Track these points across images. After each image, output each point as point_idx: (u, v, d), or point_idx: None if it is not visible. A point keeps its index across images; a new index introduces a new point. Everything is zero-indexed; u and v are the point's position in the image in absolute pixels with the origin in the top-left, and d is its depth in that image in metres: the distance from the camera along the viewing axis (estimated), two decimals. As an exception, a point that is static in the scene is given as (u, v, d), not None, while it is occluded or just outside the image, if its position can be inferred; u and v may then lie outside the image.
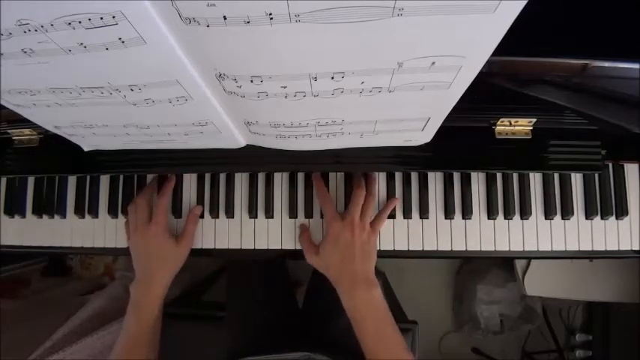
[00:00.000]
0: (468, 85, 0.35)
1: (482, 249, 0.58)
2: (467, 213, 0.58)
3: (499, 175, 0.58)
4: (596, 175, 0.58)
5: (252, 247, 0.60)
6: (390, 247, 0.58)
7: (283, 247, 0.59)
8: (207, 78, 0.35)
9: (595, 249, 0.57)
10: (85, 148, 0.55)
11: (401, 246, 0.58)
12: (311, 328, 0.71)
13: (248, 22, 0.27)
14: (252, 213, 0.60)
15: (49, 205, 0.64)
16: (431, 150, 0.53)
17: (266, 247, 0.60)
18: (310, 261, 0.56)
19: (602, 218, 0.57)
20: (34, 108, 0.41)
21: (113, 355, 0.55)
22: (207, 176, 0.61)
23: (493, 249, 0.58)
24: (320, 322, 0.69)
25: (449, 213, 0.58)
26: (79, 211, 0.63)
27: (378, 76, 0.34)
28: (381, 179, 0.59)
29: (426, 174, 0.59)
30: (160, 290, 0.56)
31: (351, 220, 0.53)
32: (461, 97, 0.38)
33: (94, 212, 0.63)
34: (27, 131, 0.59)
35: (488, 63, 0.32)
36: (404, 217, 0.58)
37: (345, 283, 0.53)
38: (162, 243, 0.56)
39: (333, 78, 0.34)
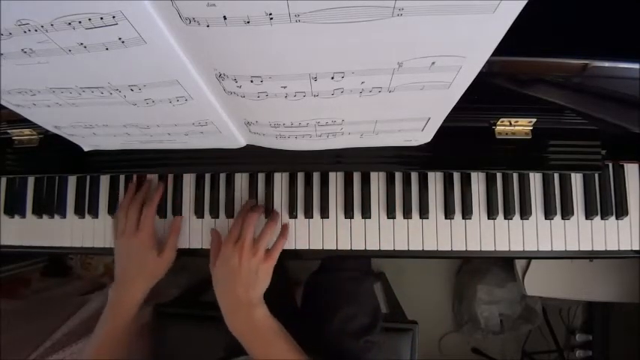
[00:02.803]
0: (468, 85, 0.35)
1: (482, 249, 0.58)
2: (467, 213, 0.58)
3: (499, 175, 0.58)
4: (596, 175, 0.57)
5: (252, 247, 0.60)
6: (390, 247, 0.58)
7: (283, 247, 0.59)
8: (207, 78, 0.35)
9: (595, 249, 0.57)
10: (85, 148, 0.55)
11: (401, 246, 0.58)
12: (309, 328, 0.71)
13: (248, 22, 0.27)
14: (252, 213, 0.60)
15: (49, 205, 0.64)
16: (431, 150, 0.53)
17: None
18: (210, 270, 0.56)
19: (602, 218, 0.57)
20: (34, 108, 0.41)
21: (84, 355, 0.55)
22: (207, 176, 0.61)
23: (493, 249, 0.58)
24: (316, 323, 0.69)
25: (449, 213, 0.58)
26: (79, 211, 0.63)
27: (378, 76, 0.34)
28: (381, 179, 0.59)
29: (426, 174, 0.59)
30: (137, 297, 0.57)
31: (242, 245, 0.52)
32: (461, 97, 0.38)
33: (94, 212, 0.63)
34: (27, 131, 0.59)
35: (488, 63, 0.32)
36: (404, 217, 0.58)
37: (226, 305, 0.53)
38: (146, 252, 0.57)
39: (333, 78, 0.34)
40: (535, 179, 0.58)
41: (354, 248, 0.58)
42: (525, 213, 0.57)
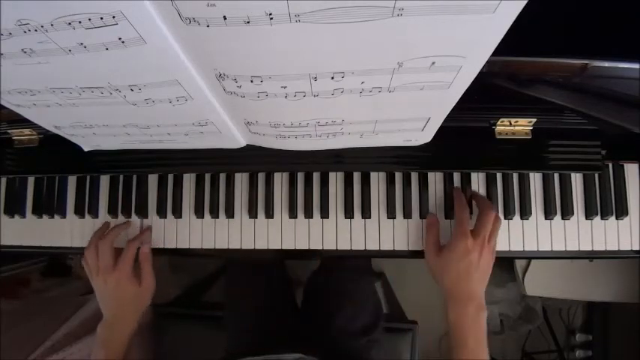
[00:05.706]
0: (468, 85, 0.35)
1: (482, 249, 0.58)
2: (467, 213, 0.57)
3: (499, 175, 0.58)
4: (596, 175, 0.57)
5: (252, 247, 0.60)
6: (390, 247, 0.58)
7: (283, 247, 0.59)
8: (207, 78, 0.35)
9: (595, 249, 0.57)
10: (85, 148, 0.55)
11: (401, 246, 0.58)
12: (309, 329, 0.71)
13: (248, 22, 0.27)
14: (252, 213, 0.60)
15: (49, 205, 0.64)
16: (431, 150, 0.53)
17: (266, 247, 0.60)
18: (428, 260, 0.55)
19: (602, 218, 0.57)
20: (34, 108, 0.41)
21: None
22: (207, 176, 0.61)
23: (493, 249, 0.58)
24: (318, 323, 0.70)
25: (449, 213, 0.58)
26: (79, 211, 0.63)
27: (378, 76, 0.34)
28: (381, 179, 0.59)
29: (426, 174, 0.59)
30: (128, 330, 0.56)
31: (482, 242, 0.51)
32: (461, 97, 0.38)
33: (94, 212, 0.63)
34: (27, 131, 0.59)
35: (488, 63, 0.32)
36: (404, 217, 0.58)
37: (458, 300, 0.52)
38: (127, 286, 0.56)
39: (333, 78, 0.34)
40: (535, 179, 0.58)
41: (354, 248, 0.58)
42: (525, 213, 0.57)
